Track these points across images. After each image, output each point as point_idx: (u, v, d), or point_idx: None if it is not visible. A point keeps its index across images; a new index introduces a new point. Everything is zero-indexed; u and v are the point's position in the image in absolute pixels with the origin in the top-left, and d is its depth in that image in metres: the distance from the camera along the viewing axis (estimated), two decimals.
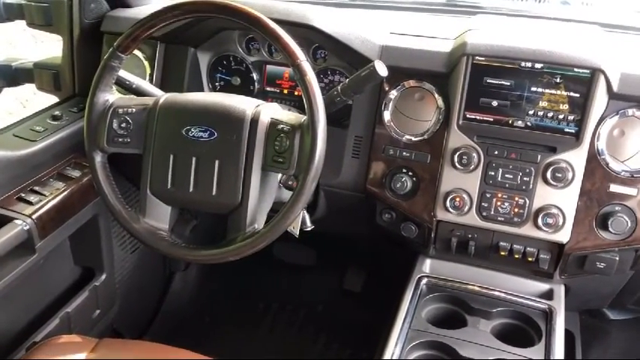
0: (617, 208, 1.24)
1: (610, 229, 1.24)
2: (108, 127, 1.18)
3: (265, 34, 1.10)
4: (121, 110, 1.18)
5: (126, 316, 1.83)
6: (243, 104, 1.14)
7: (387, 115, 1.36)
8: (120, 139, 1.18)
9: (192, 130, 1.13)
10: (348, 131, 1.41)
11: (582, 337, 1.67)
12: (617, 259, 1.27)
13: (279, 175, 1.25)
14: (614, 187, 1.24)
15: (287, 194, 1.28)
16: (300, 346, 2.01)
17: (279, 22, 1.12)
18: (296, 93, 1.51)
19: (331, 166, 1.40)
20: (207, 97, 1.20)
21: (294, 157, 1.09)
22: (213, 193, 1.13)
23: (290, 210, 1.07)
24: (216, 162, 1.13)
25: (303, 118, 1.10)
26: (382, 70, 1.15)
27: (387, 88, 1.36)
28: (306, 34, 1.36)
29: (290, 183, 1.28)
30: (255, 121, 1.11)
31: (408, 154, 1.35)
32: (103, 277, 1.62)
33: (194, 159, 1.14)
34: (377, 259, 2.01)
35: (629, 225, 1.23)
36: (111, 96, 1.20)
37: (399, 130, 1.36)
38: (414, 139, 1.35)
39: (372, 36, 1.37)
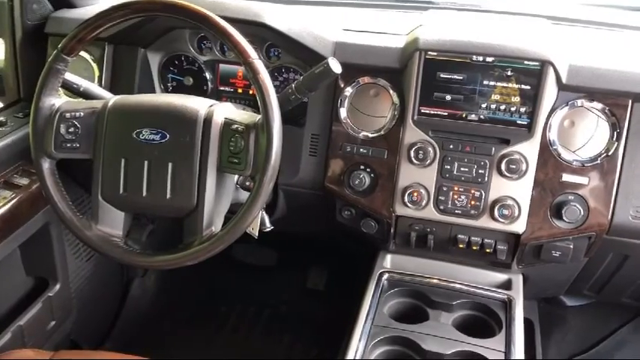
0: (570, 198, 1.26)
1: (564, 218, 1.26)
2: (55, 132, 1.14)
3: (215, 33, 1.07)
4: (68, 114, 1.14)
5: (83, 326, 1.78)
6: (196, 104, 1.12)
7: (343, 112, 1.36)
8: (68, 145, 1.14)
9: (144, 132, 1.10)
10: (304, 129, 1.40)
11: (541, 325, 1.71)
12: (572, 247, 1.30)
13: (236, 176, 1.23)
14: (567, 177, 1.26)
15: (244, 195, 1.26)
16: (264, 348, 1.99)
17: (230, 20, 1.10)
18: (251, 92, 1.49)
19: (289, 165, 1.39)
20: (158, 98, 1.17)
21: (249, 157, 1.07)
22: (168, 196, 1.11)
23: (247, 211, 1.05)
24: (170, 165, 1.10)
25: (257, 117, 1.08)
26: (336, 67, 1.14)
27: (342, 85, 1.36)
28: (259, 31, 1.34)
29: (247, 184, 1.26)
30: (208, 121, 1.09)
31: (365, 151, 1.35)
32: (57, 286, 1.57)
33: (146, 162, 1.11)
34: (339, 256, 2.01)
35: (582, 213, 1.26)
36: (57, 100, 1.16)
37: (355, 126, 1.36)
38: (370, 135, 1.35)
39: (325, 33, 1.36)
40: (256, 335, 2.04)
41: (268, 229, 1.35)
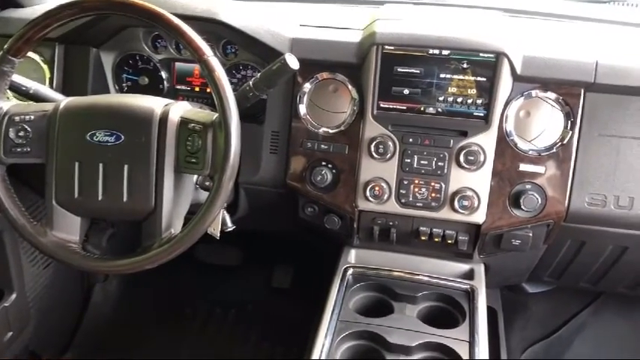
0: (527, 187, 1.29)
1: (522, 206, 1.28)
2: (4, 136, 1.10)
3: (169, 31, 1.05)
4: (17, 118, 1.10)
5: (43, 336, 1.73)
6: (151, 104, 1.09)
7: (302, 109, 1.35)
8: (19, 149, 1.11)
9: (97, 134, 1.08)
10: (264, 127, 1.38)
11: (504, 313, 1.74)
12: (531, 235, 1.32)
13: (195, 177, 1.21)
14: (524, 167, 1.28)
15: (204, 195, 1.24)
16: (231, 347, 1.97)
17: (184, 17, 1.08)
18: (208, 90, 1.47)
19: (249, 163, 1.38)
20: (111, 98, 1.14)
21: (207, 156, 1.05)
22: (124, 199, 1.08)
23: (207, 212, 1.04)
24: (125, 167, 1.07)
25: (214, 115, 1.07)
26: (293, 63, 1.13)
27: (300, 81, 1.35)
28: (215, 29, 1.32)
29: (207, 184, 1.24)
30: (164, 121, 1.07)
31: (326, 147, 1.35)
32: (13, 296, 1.52)
33: (101, 165, 1.08)
34: (304, 253, 2.01)
35: (540, 202, 1.28)
36: (5, 103, 1.12)
37: (315, 122, 1.35)
38: (331, 131, 1.35)
39: (281, 29, 1.35)
40: (223, 336, 2.02)
41: (230, 229, 1.34)
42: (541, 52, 1.26)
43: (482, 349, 1.17)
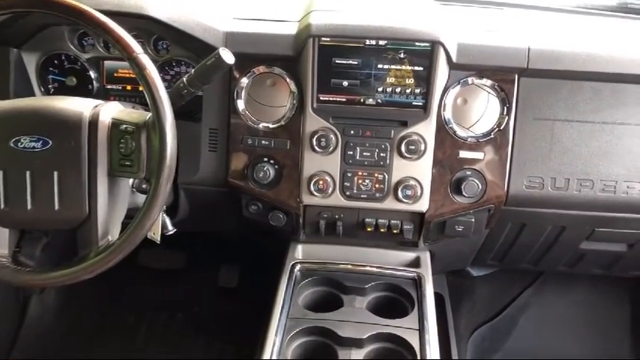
0: (468, 173, 1.30)
1: (464, 193, 1.30)
2: None
3: (94, 28, 1.00)
4: None
5: None
6: (79, 106, 1.04)
7: (240, 104, 1.32)
8: None
9: (23, 140, 1.01)
10: (201, 124, 1.35)
11: (451, 298, 1.77)
12: (473, 220, 1.35)
13: (131, 180, 1.16)
14: (463, 153, 1.30)
15: (142, 199, 1.20)
16: (179, 352, 1.92)
17: (110, 13, 1.03)
18: (141, 89, 1.41)
19: (188, 163, 1.33)
20: (36, 102, 1.07)
21: (142, 158, 1.01)
22: (56, 207, 1.02)
23: (145, 216, 0.99)
24: (55, 173, 1.02)
25: (148, 115, 1.02)
26: (228, 57, 1.10)
27: (237, 76, 1.31)
28: (144, 24, 1.27)
29: (143, 186, 1.20)
30: (94, 123, 1.02)
31: (267, 142, 1.32)
32: None
33: (28, 173, 1.02)
34: (250, 251, 1.98)
35: (480, 187, 1.30)
36: None
37: (254, 118, 1.33)
38: (271, 126, 1.32)
39: (214, 22, 1.31)
40: (170, 340, 1.97)
41: (171, 232, 1.30)
42: (475, 40, 1.28)
43: (432, 336, 1.18)
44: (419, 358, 1.13)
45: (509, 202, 1.34)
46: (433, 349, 1.15)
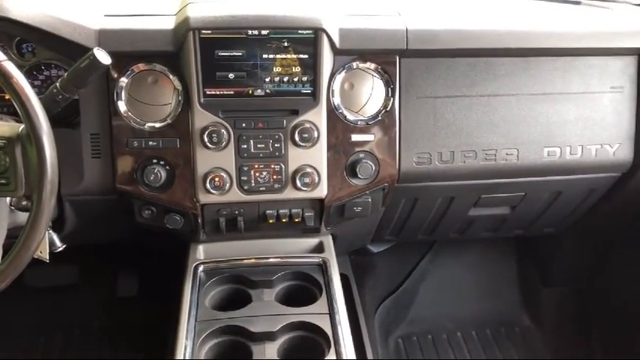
0: (361, 156, 1.33)
1: (359, 175, 1.33)
2: None
3: None
4: None
5: None
6: None
7: (122, 106, 1.25)
8: None
9: None
10: (80, 130, 1.26)
11: (355, 277, 1.81)
12: (370, 200, 1.38)
13: (8, 199, 1.06)
14: (355, 137, 1.32)
15: (24, 217, 1.10)
16: None
17: None
18: (7, 97, 1.29)
19: (70, 173, 1.25)
20: None
21: (19, 175, 0.93)
22: None
23: (29, 237, 0.92)
24: None
25: (20, 127, 0.94)
26: (104, 57, 1.04)
27: (115, 76, 1.24)
28: (2, 27, 1.16)
29: (24, 203, 1.10)
30: None
31: (155, 143, 1.26)
32: None
33: None
34: (148, 257, 1.90)
35: (374, 168, 1.33)
36: None
37: (138, 119, 1.26)
38: (157, 125, 1.27)
39: (84, 21, 1.22)
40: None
41: (61, 249, 1.21)
42: (356, 25, 1.30)
43: (342, 317, 1.21)
44: (332, 340, 1.15)
45: (402, 179, 1.39)
46: (345, 330, 1.18)
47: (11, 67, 0.92)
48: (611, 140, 1.45)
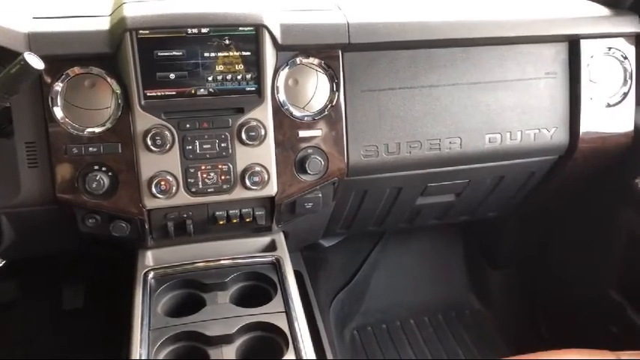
0: (309, 151, 1.33)
1: (308, 171, 1.33)
2: None
3: None
4: None
5: None
6: None
7: (58, 112, 1.20)
8: None
9: None
10: (14, 139, 1.20)
11: (309, 273, 1.81)
12: (321, 195, 1.39)
13: None
14: (302, 133, 1.32)
15: None
16: None
17: None
18: None
19: (5, 185, 1.19)
20: None
21: None
22: None
23: None
24: None
25: None
26: (36, 62, 0.99)
27: (49, 81, 1.19)
28: None
29: None
30: None
31: (95, 149, 1.22)
32: None
33: None
34: (94, 267, 1.83)
35: (323, 163, 1.34)
36: None
37: (76, 124, 1.21)
38: (97, 130, 1.22)
39: (12, 24, 1.16)
40: None
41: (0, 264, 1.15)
42: (297, 20, 1.29)
43: (299, 314, 1.20)
44: (289, 338, 1.15)
45: (351, 173, 1.40)
46: (302, 327, 1.17)
47: None
48: (547, 124, 1.50)
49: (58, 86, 1.19)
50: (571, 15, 1.47)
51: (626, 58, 1.51)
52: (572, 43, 1.48)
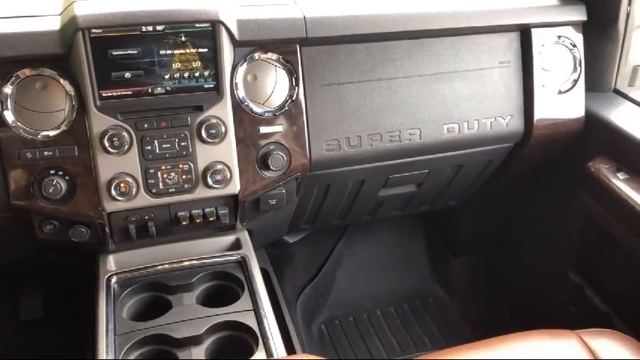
0: (271, 147, 1.32)
1: (271, 167, 1.32)
2: None
3: None
4: None
5: None
6: None
7: (8, 116, 1.16)
8: None
9: None
10: None
11: (275, 269, 1.80)
12: (284, 191, 1.38)
13: None
14: (263, 129, 1.31)
15: None
16: None
17: None
18: None
19: None
20: None
21: None
22: None
23: None
24: None
25: None
26: None
27: None
28: None
29: None
30: None
31: (50, 153, 1.18)
32: None
33: None
34: (53, 274, 1.78)
35: (285, 159, 1.33)
36: None
37: (29, 128, 1.18)
38: (51, 134, 1.19)
39: None
40: None
41: None
42: (254, 15, 1.28)
43: (267, 312, 1.20)
44: (259, 336, 1.14)
45: (314, 167, 1.40)
46: (271, 325, 1.17)
47: None
48: (503, 113, 1.54)
49: (8, 89, 1.15)
50: (522, 5, 1.51)
51: (575, 45, 1.55)
52: (524, 33, 1.52)
